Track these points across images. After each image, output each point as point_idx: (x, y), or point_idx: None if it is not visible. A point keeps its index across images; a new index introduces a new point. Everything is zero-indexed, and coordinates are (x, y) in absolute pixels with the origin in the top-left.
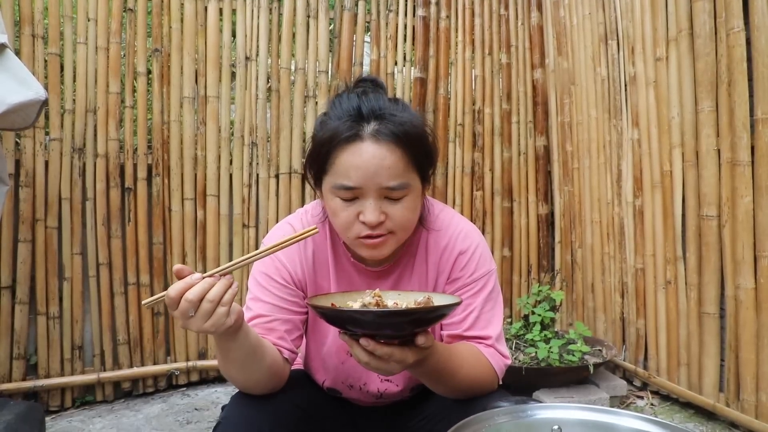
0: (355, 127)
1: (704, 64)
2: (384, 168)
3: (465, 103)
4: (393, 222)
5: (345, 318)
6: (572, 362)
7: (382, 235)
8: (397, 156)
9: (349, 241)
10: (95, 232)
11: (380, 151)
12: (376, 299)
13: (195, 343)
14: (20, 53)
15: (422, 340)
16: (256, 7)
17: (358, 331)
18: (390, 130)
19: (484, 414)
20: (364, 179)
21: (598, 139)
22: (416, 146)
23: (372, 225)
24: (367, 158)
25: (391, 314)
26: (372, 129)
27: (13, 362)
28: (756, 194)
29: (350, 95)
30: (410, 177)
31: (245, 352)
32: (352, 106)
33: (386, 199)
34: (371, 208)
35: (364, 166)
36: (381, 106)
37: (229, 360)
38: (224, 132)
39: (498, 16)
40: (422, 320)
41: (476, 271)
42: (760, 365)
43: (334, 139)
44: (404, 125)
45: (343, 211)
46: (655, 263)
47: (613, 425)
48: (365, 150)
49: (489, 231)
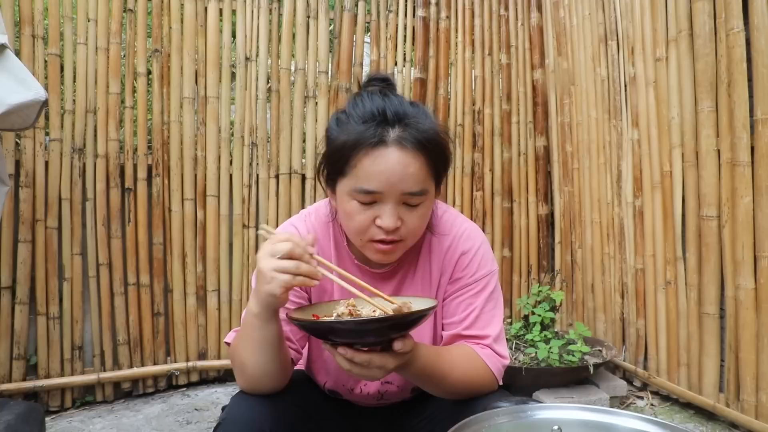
0: (380, 131)
1: (704, 64)
2: (408, 175)
3: (465, 104)
4: (407, 229)
5: (321, 329)
6: (572, 362)
7: (395, 241)
8: (421, 163)
9: (360, 244)
10: (95, 232)
11: (405, 157)
12: (349, 309)
13: (195, 344)
14: (20, 53)
15: (399, 346)
16: (256, 8)
17: (338, 341)
18: (414, 137)
19: (484, 414)
20: (388, 185)
21: (598, 140)
22: (437, 154)
23: (389, 230)
24: (393, 164)
25: (361, 323)
26: (397, 135)
27: (13, 362)
28: (756, 194)
29: (372, 95)
30: (429, 184)
31: (269, 334)
32: (376, 108)
33: (404, 205)
34: (390, 213)
35: (388, 172)
36: (405, 111)
37: (249, 339)
38: (224, 132)
39: (498, 16)
40: (391, 327)
41: (478, 271)
42: (760, 365)
43: (359, 142)
44: (427, 133)
45: (360, 214)
46: (655, 263)
47: (613, 425)
48: (390, 156)
49: (489, 231)
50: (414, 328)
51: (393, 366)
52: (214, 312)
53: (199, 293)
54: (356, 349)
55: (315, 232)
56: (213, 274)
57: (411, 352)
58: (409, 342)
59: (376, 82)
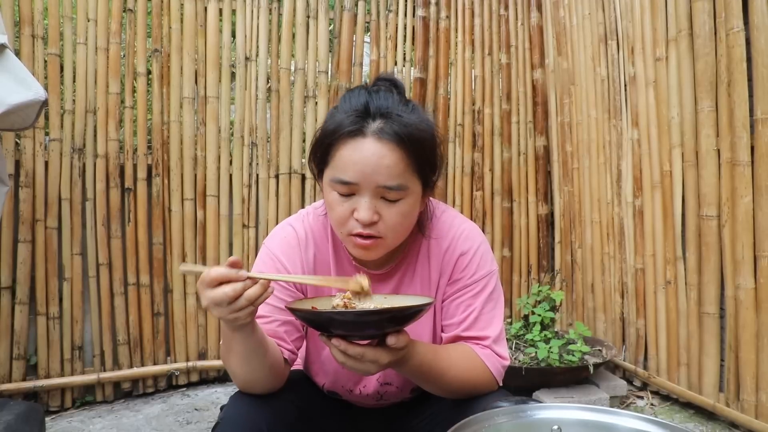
0: (360, 122)
1: (704, 64)
2: (383, 167)
3: (465, 103)
4: (385, 225)
5: (310, 319)
6: (572, 362)
7: (373, 237)
8: (398, 156)
9: (341, 237)
10: (95, 232)
11: (381, 149)
12: (344, 301)
13: (195, 344)
14: (20, 53)
15: (392, 341)
16: (256, 8)
17: (334, 332)
18: (393, 129)
19: (484, 414)
20: (362, 176)
21: (597, 139)
22: (419, 149)
23: (365, 223)
24: (367, 155)
25: (353, 314)
26: (376, 127)
27: (13, 362)
28: (756, 194)
29: (361, 91)
30: (409, 180)
31: (250, 346)
32: (360, 102)
33: (382, 199)
34: (366, 206)
35: (362, 163)
36: (389, 105)
37: (232, 352)
38: (224, 132)
39: (498, 16)
40: (389, 320)
41: (477, 272)
42: (760, 365)
43: (337, 132)
44: (409, 127)
45: (339, 205)
46: (655, 263)
47: (613, 425)
48: (366, 147)
49: (489, 231)
50: (411, 322)
51: (386, 361)
52: None
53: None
54: (350, 341)
55: (312, 232)
56: None
57: (406, 348)
58: (402, 338)
59: (381, 82)
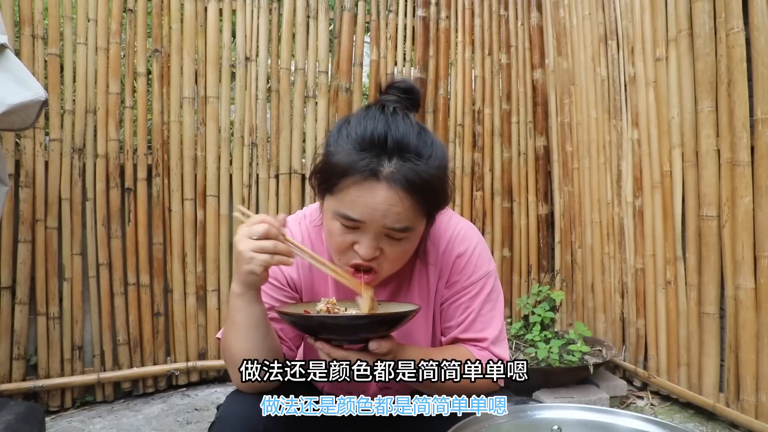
0: (374, 162)
1: (704, 64)
2: (393, 213)
3: (465, 104)
4: (385, 259)
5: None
6: (572, 362)
7: (370, 270)
8: (409, 204)
9: (337, 263)
10: (95, 232)
11: (393, 196)
12: (327, 306)
13: (195, 344)
14: (20, 53)
15: (374, 346)
16: (256, 8)
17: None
18: (407, 177)
19: (484, 414)
20: (370, 218)
21: (597, 140)
22: (431, 195)
23: (366, 259)
24: (379, 201)
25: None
26: (390, 171)
27: (13, 362)
28: (756, 194)
29: (378, 115)
30: (416, 222)
31: (253, 317)
32: (377, 134)
33: (386, 236)
34: (368, 244)
35: (372, 206)
36: (408, 142)
37: (234, 324)
38: (224, 132)
39: (498, 16)
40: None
41: (474, 273)
42: (760, 365)
43: (350, 171)
44: (423, 174)
45: (340, 235)
46: (655, 263)
47: (613, 425)
48: (378, 192)
49: (489, 231)
50: (396, 328)
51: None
52: (214, 312)
53: (199, 293)
54: (334, 345)
55: (309, 236)
56: (213, 274)
57: (390, 354)
58: (384, 344)
59: (397, 92)
